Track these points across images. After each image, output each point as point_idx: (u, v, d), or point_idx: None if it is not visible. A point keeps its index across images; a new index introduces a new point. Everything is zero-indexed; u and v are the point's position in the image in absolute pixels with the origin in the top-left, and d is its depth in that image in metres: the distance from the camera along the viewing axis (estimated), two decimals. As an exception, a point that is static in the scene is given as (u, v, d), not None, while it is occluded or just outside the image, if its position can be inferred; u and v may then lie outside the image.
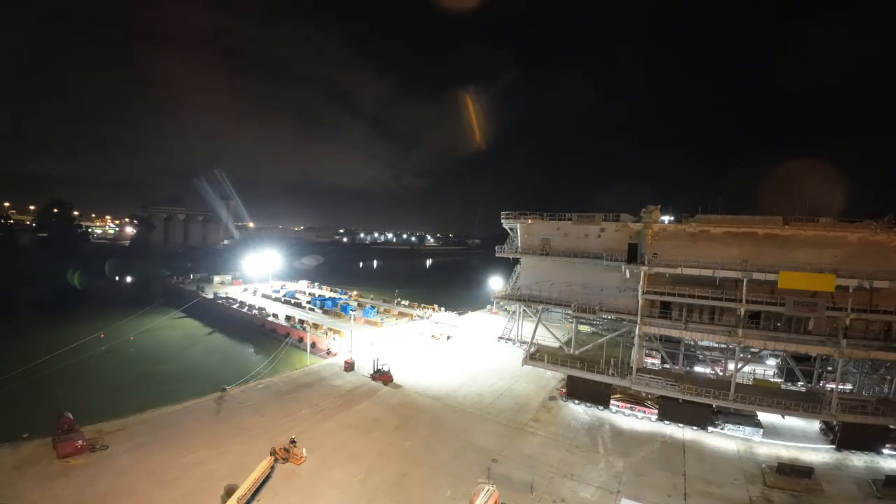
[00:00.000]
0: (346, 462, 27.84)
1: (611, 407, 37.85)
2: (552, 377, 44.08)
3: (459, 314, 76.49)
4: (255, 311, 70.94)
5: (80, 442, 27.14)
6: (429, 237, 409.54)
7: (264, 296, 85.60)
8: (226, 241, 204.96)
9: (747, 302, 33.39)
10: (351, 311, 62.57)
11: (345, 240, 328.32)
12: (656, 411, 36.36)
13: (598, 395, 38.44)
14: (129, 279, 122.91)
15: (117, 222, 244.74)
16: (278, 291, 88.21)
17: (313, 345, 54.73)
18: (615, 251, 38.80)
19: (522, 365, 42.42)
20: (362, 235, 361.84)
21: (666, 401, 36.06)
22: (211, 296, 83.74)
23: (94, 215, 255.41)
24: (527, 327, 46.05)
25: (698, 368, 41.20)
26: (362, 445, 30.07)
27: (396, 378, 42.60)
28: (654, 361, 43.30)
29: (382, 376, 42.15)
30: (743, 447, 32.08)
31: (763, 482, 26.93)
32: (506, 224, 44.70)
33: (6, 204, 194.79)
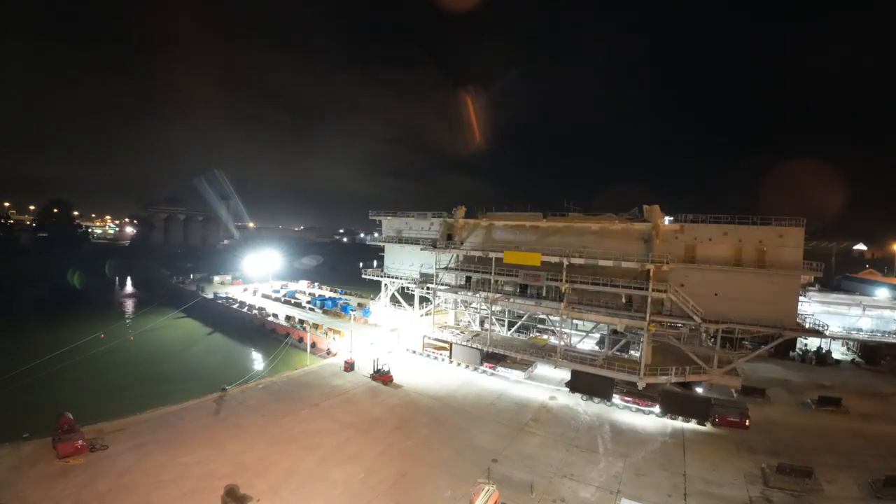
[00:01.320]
0: (346, 462, 27.84)
1: (425, 352, 49.74)
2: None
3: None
4: (255, 311, 70.91)
5: (80, 442, 27.12)
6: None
7: (264, 296, 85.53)
8: (226, 241, 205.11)
9: (497, 274, 45.76)
10: (351, 311, 62.58)
11: (345, 240, 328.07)
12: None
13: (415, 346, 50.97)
14: (129, 279, 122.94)
15: (117, 222, 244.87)
16: (278, 291, 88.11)
17: (313, 345, 54.73)
18: (440, 241, 52.74)
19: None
20: (362, 235, 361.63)
21: (454, 346, 47.69)
22: (211, 296, 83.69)
23: (94, 215, 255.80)
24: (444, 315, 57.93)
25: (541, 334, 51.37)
26: (362, 445, 30.09)
27: (396, 378, 42.60)
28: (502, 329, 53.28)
29: (382, 376, 42.16)
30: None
31: (763, 482, 26.94)
32: (373, 217, 61.19)
33: (6, 204, 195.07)
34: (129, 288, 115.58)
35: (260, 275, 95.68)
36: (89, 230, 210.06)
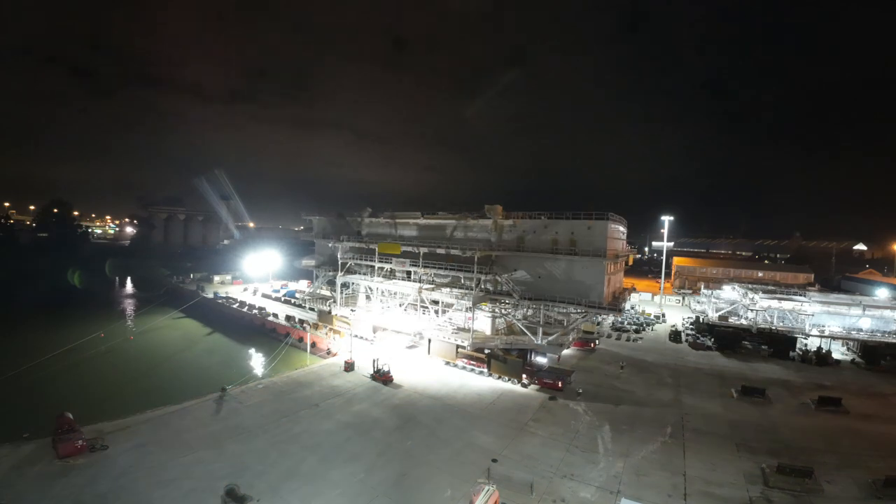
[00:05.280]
0: (346, 462, 27.86)
1: (337, 325, 57.63)
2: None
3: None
4: (255, 311, 70.94)
5: (80, 442, 27.13)
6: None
7: (264, 295, 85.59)
8: (226, 241, 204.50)
9: (379, 261, 56.20)
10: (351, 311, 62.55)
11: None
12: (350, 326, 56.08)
13: (324, 317, 60.27)
14: (129, 279, 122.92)
15: (117, 222, 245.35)
16: (278, 291, 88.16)
17: (313, 345, 54.74)
18: (342, 235, 63.80)
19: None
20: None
21: (353, 322, 56.34)
22: (211, 295, 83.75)
23: (94, 215, 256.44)
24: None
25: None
26: (362, 445, 30.09)
27: (396, 378, 42.61)
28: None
29: (382, 376, 42.16)
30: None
31: (763, 482, 26.95)
32: (306, 218, 72.79)
33: (6, 204, 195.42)
34: (129, 288, 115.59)
35: (260, 275, 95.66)
36: (89, 230, 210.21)
